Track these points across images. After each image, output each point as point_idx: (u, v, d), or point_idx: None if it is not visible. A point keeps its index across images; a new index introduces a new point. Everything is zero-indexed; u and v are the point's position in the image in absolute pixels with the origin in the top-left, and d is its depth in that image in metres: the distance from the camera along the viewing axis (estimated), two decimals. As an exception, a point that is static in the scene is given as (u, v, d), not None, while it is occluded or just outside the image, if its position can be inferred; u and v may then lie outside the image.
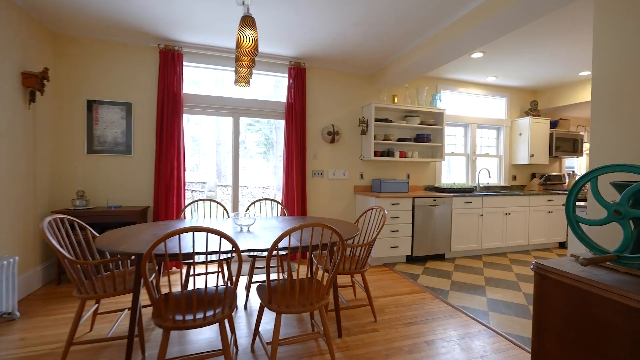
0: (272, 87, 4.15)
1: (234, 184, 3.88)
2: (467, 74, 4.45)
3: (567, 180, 5.39)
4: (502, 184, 5.13)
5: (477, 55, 3.68)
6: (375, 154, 4.11)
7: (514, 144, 5.10)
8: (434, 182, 4.68)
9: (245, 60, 2.21)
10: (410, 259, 3.97)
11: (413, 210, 3.84)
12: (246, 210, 3.08)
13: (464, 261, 3.98)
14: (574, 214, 1.16)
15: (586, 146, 5.48)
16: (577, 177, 6.14)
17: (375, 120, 4.07)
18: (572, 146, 5.14)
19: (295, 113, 3.83)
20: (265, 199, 3.18)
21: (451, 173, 4.92)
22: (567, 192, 4.83)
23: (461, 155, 4.91)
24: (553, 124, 5.17)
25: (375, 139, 4.11)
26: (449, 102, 4.85)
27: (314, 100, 4.05)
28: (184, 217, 3.15)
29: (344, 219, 4.14)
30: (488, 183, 5.04)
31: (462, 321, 2.42)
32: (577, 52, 3.56)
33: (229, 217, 2.89)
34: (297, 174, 3.81)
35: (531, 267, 1.28)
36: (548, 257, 4.22)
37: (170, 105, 3.37)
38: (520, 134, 4.99)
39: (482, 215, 4.18)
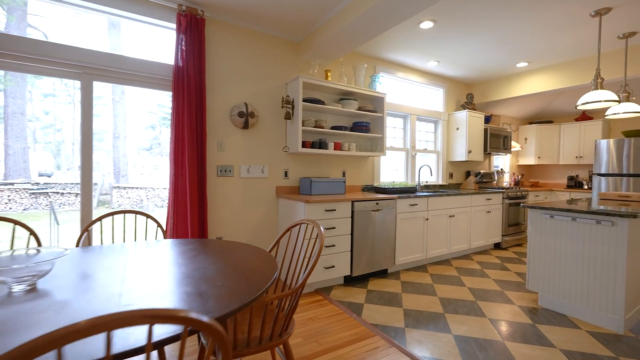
0: (152, 42, 2.83)
1: (83, 184, 2.46)
2: (409, 56, 3.82)
3: (496, 178, 5.29)
4: (440, 182, 4.71)
5: (427, 25, 3.01)
6: (304, 145, 3.15)
7: (451, 138, 4.73)
8: (373, 180, 3.95)
9: None
10: (349, 280, 3.12)
11: (352, 217, 3.00)
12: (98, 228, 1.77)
13: (410, 275, 3.31)
14: None
15: (513, 144, 5.47)
16: (506, 174, 6.29)
17: (304, 101, 3.11)
18: (502, 143, 5.01)
19: (188, 83, 2.61)
20: (125, 212, 1.91)
21: (390, 170, 4.27)
22: (499, 190, 4.70)
23: (400, 150, 4.31)
24: (486, 120, 4.97)
25: (304, 126, 3.15)
26: (388, 88, 4.19)
27: (219, 67, 2.88)
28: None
29: (262, 235, 3.07)
30: (427, 182, 4.56)
31: (435, 390, 1.61)
32: (522, 40, 3.19)
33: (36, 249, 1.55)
34: (192, 170, 2.60)
35: None
36: (489, 261, 3.86)
37: None
38: (458, 129, 4.63)
39: (427, 219, 3.59)
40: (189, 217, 2.57)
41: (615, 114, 3.13)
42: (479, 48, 3.56)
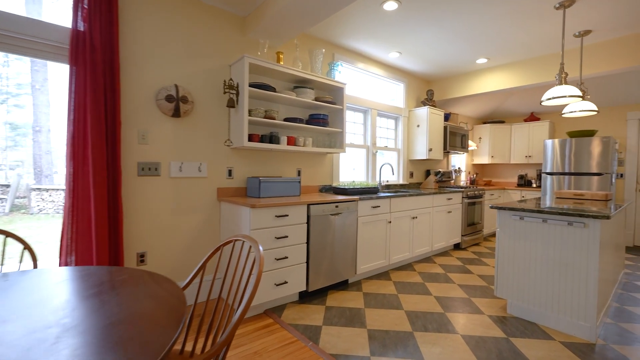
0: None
1: None
2: (370, 44, 3.51)
3: (454, 177, 5.24)
4: (401, 181, 4.50)
5: (391, 5, 2.69)
6: (252, 138, 2.66)
7: (412, 136, 4.54)
8: (332, 180, 3.58)
9: None
10: (306, 295, 2.70)
11: (308, 223, 2.58)
12: None
13: (373, 285, 2.99)
14: None
15: (470, 143, 5.47)
16: (463, 174, 6.34)
17: (252, 86, 2.62)
18: (461, 142, 4.96)
19: (92, 54, 1.99)
20: (-30, 229, 1.28)
21: (350, 169, 3.93)
22: (458, 189, 4.63)
23: (361, 147, 3.99)
24: (445, 117, 4.87)
25: (251, 116, 2.67)
26: (348, 79, 3.85)
27: (140, 38, 2.28)
28: None
29: (199, 247, 2.53)
30: (388, 181, 4.31)
31: None
32: (484, 33, 3.04)
33: None
34: (98, 169, 1.99)
35: None
36: (450, 264, 3.70)
37: None
38: (419, 126, 4.45)
39: (390, 222, 3.30)
40: (93, 232, 1.95)
41: (572, 112, 3.10)
42: (442, 39, 3.36)
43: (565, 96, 2.52)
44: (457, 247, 4.46)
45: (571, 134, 4.76)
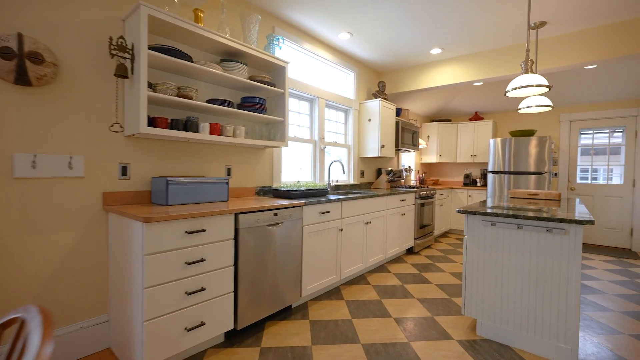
0: None
1: None
2: (317, 20, 2.96)
3: (404, 176, 4.98)
4: (352, 181, 4.05)
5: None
6: (156, 123, 1.91)
7: (363, 131, 4.12)
8: (272, 180, 2.95)
9: None
10: (234, 334, 2.04)
11: (237, 238, 1.92)
12: None
13: (322, 308, 2.44)
14: None
15: (420, 141, 5.28)
16: (412, 172, 6.15)
17: (155, 50, 1.88)
18: (412, 139, 4.70)
19: None
20: None
21: (294, 167, 3.35)
22: (411, 189, 4.34)
23: (307, 142, 3.43)
24: (397, 113, 4.56)
25: (155, 91, 1.92)
26: (292, 60, 3.25)
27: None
28: None
29: (73, 281, 1.71)
30: (337, 181, 3.82)
31: None
32: (439, 20, 2.71)
33: None
34: None
35: None
36: (406, 272, 3.34)
37: None
38: (370, 120, 4.04)
39: (341, 229, 2.79)
40: None
41: (528, 107, 2.92)
42: (397, 18, 2.96)
43: (532, 85, 2.26)
44: (410, 251, 4.16)
45: (513, 134, 4.81)
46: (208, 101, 2.24)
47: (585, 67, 3.72)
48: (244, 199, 2.47)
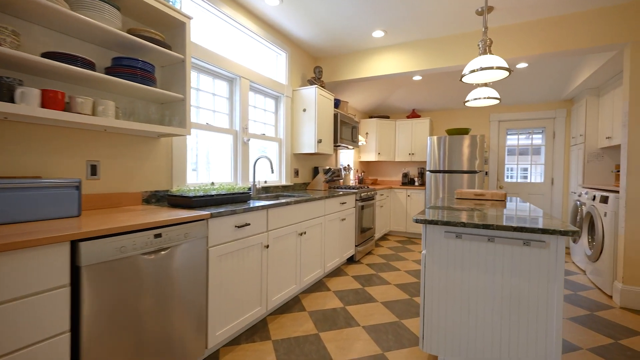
0: None
1: None
2: (233, -31, 2.25)
3: (343, 175, 4.53)
4: (284, 182, 3.42)
5: None
6: None
7: (297, 123, 3.51)
8: (171, 182, 2.15)
9: None
10: None
11: (77, 282, 1.13)
12: None
13: (239, 361, 1.76)
14: None
15: (360, 137, 4.88)
16: (352, 171, 5.73)
17: None
18: (352, 135, 4.26)
19: None
20: None
21: (209, 163, 2.57)
22: (352, 190, 3.87)
23: (225, 133, 2.68)
24: (335, 104, 4.07)
25: None
26: (203, 23, 2.47)
27: None
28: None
29: None
30: (266, 182, 3.15)
31: None
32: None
33: None
34: None
35: None
36: (348, 288, 2.85)
37: None
38: (305, 110, 3.46)
39: (267, 246, 2.13)
40: None
41: (476, 99, 2.65)
42: (337, -16, 2.41)
43: (493, 67, 1.91)
44: (351, 260, 3.70)
45: (449, 132, 4.72)
46: (46, 55, 1.38)
47: (517, 66, 3.69)
48: (119, 210, 1.64)
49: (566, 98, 4.47)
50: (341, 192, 3.26)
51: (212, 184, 2.44)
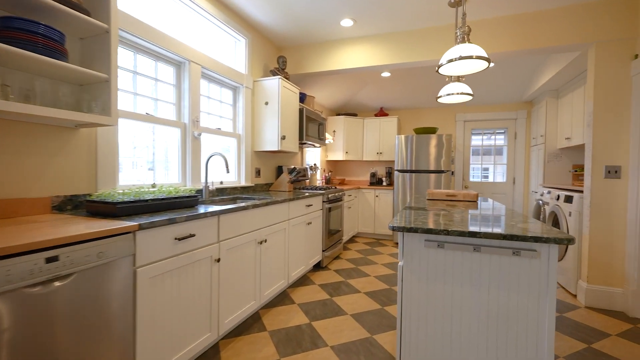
0: None
1: None
2: None
3: (309, 175, 4.26)
4: (243, 182, 3.07)
5: None
6: None
7: (258, 117, 3.18)
8: (94, 184, 1.73)
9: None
10: None
11: None
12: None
13: (180, 405, 1.41)
14: None
15: (327, 135, 4.64)
16: (318, 171, 5.45)
17: None
18: (318, 132, 4.00)
19: None
20: None
21: (152, 162, 2.16)
22: (319, 192, 3.38)
23: (170, 125, 2.29)
24: (301, 98, 3.78)
25: None
26: (143, 1, 2.06)
27: None
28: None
29: None
30: (222, 182, 2.79)
31: None
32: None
33: None
34: None
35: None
36: (315, 299, 2.59)
37: None
38: (267, 103, 3.13)
39: (218, 259, 1.79)
40: None
41: (449, 94, 2.52)
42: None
43: (472, 57, 1.74)
44: (318, 266, 3.44)
45: (417, 131, 4.65)
46: None
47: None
48: (8, 223, 1.23)
49: (527, 100, 4.58)
50: (307, 194, 2.98)
51: (153, 185, 2.04)
